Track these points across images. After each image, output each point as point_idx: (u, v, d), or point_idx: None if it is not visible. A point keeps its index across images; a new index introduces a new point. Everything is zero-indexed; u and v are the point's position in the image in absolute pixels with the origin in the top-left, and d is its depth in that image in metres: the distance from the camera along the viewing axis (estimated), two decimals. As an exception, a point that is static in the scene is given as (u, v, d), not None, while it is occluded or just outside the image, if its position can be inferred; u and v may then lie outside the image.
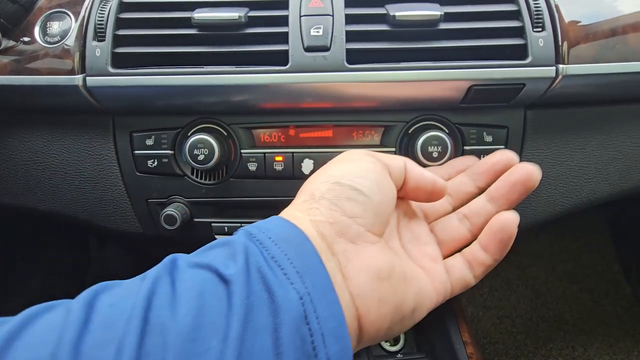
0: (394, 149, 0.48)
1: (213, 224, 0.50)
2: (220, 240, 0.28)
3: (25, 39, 0.46)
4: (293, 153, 0.48)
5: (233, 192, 0.49)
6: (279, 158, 0.48)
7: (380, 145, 0.48)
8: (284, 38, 0.43)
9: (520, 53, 0.42)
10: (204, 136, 0.46)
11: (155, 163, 0.48)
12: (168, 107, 0.47)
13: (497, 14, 0.43)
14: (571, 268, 1.18)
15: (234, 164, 0.49)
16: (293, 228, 0.28)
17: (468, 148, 0.48)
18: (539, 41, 0.42)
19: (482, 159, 0.40)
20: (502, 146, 0.48)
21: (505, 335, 1.07)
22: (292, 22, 0.43)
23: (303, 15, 0.43)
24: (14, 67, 0.45)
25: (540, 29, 0.42)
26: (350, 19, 0.43)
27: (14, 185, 0.51)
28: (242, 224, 0.50)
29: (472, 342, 0.62)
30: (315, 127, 0.48)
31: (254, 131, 0.49)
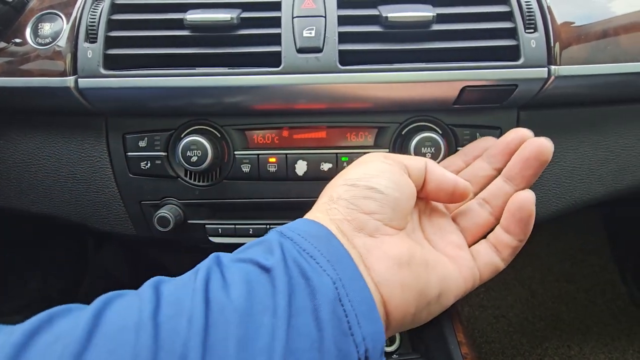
0: (387, 150, 0.48)
1: (207, 226, 0.50)
2: (255, 241, 0.31)
3: (17, 41, 0.45)
4: (287, 154, 0.48)
5: (227, 194, 0.49)
6: (273, 159, 0.48)
7: (374, 147, 0.48)
8: (276, 39, 0.43)
9: (513, 54, 0.42)
10: (197, 138, 0.46)
11: (149, 165, 0.48)
12: (161, 109, 0.46)
13: (490, 15, 0.43)
14: (567, 268, 1.18)
15: (228, 166, 0.48)
16: (318, 226, 0.31)
17: (461, 149, 0.48)
18: (531, 42, 0.42)
19: (497, 140, 0.39)
20: (496, 147, 0.48)
21: (502, 335, 1.07)
22: (285, 24, 0.43)
23: (295, 16, 0.43)
24: (6, 69, 0.45)
25: (532, 30, 0.42)
26: (342, 20, 0.43)
27: (6, 188, 0.51)
28: (236, 226, 0.50)
29: (467, 343, 0.62)
30: (308, 128, 0.48)
31: (247, 132, 0.48)
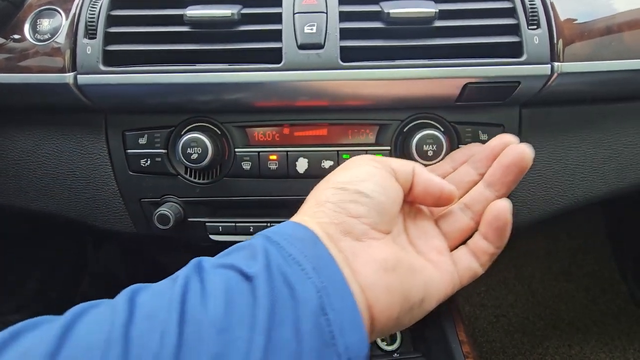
0: (389, 148, 0.48)
1: (207, 224, 0.50)
2: (240, 244, 0.30)
3: (15, 37, 0.45)
4: (287, 152, 0.48)
5: (227, 192, 0.49)
6: (274, 157, 0.48)
7: (375, 144, 0.48)
8: (277, 35, 0.42)
9: (516, 51, 0.42)
10: (198, 135, 0.45)
11: (148, 162, 0.48)
12: (161, 106, 0.46)
13: (492, 12, 0.43)
14: (567, 267, 1.18)
15: (228, 163, 0.48)
16: (305, 229, 0.30)
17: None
18: (534, 39, 0.42)
19: (483, 145, 0.39)
20: (498, 144, 0.48)
21: (502, 334, 1.07)
22: (286, 20, 0.42)
23: (297, 12, 0.43)
24: (4, 65, 0.44)
25: (535, 27, 0.42)
26: (344, 17, 0.43)
27: (5, 185, 0.51)
28: (237, 224, 0.50)
29: (468, 341, 0.62)
30: (309, 126, 0.48)
31: (248, 130, 0.48)
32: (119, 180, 0.49)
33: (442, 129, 0.47)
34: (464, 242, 0.37)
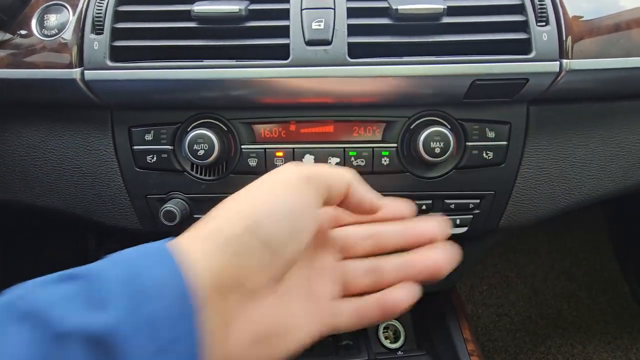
0: (395, 145, 0.48)
1: (213, 221, 0.50)
2: (74, 273, 0.24)
3: (22, 32, 0.45)
4: (294, 149, 0.47)
5: (233, 188, 0.48)
6: (280, 154, 0.48)
7: (382, 141, 0.48)
8: (285, 32, 0.42)
9: (524, 47, 0.42)
10: (204, 131, 0.45)
11: (155, 158, 0.48)
12: (167, 102, 0.46)
13: (501, 8, 0.43)
14: (569, 266, 1.18)
15: (234, 160, 0.48)
16: (176, 277, 0.24)
17: (470, 144, 0.47)
18: (543, 35, 0.42)
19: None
20: (505, 142, 0.47)
21: (504, 333, 1.07)
22: (293, 16, 0.42)
23: (304, 8, 0.42)
24: (11, 61, 0.44)
25: (544, 23, 0.42)
26: (352, 13, 0.42)
27: (11, 181, 0.51)
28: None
29: (473, 340, 0.62)
30: (316, 123, 0.48)
31: (254, 126, 0.48)
32: (125, 177, 0.49)
33: (449, 126, 0.47)
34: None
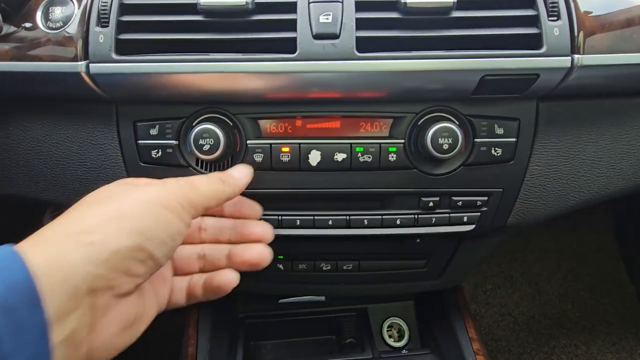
0: (402, 141, 0.47)
1: (217, 216, 0.50)
2: None
3: (27, 25, 0.45)
4: (300, 144, 0.47)
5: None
6: (286, 149, 0.47)
7: (389, 137, 0.47)
8: (292, 25, 0.42)
9: (535, 42, 0.41)
10: (210, 126, 0.45)
11: (160, 153, 0.47)
12: (173, 96, 0.46)
13: (511, 2, 0.42)
14: (574, 266, 1.17)
15: (240, 155, 0.48)
16: (27, 287, 0.25)
17: (479, 140, 0.47)
18: (554, 30, 0.41)
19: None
20: (514, 139, 0.47)
21: (508, 333, 1.06)
22: (301, 9, 0.42)
23: (312, 1, 0.42)
24: (15, 54, 0.44)
25: (555, 18, 0.41)
26: (360, 6, 0.42)
27: (15, 175, 0.50)
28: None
29: (478, 339, 0.61)
30: (322, 118, 0.47)
31: (260, 121, 0.48)
32: (129, 171, 0.49)
33: (458, 123, 0.46)
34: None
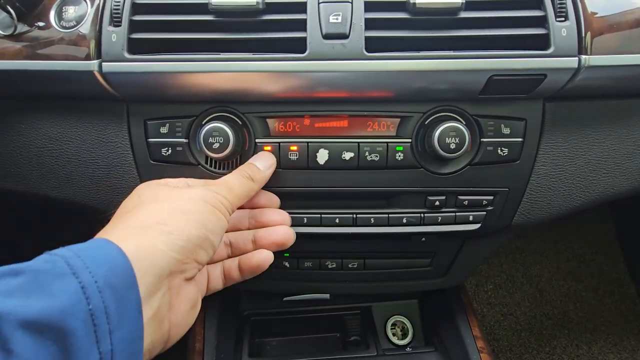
0: (409, 140, 0.48)
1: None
2: (30, 279, 0.26)
3: (40, 24, 0.45)
4: (308, 143, 0.47)
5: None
6: (294, 148, 0.48)
7: (396, 136, 0.48)
8: (302, 25, 0.42)
9: (542, 43, 0.42)
10: (219, 124, 0.45)
11: (170, 151, 0.48)
12: (183, 95, 0.46)
13: (519, 3, 0.42)
14: (576, 266, 1.17)
15: (248, 153, 0.48)
16: (126, 269, 0.29)
17: (485, 140, 0.47)
18: (562, 31, 0.41)
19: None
20: (520, 139, 0.47)
21: (509, 333, 1.07)
22: (311, 9, 0.42)
23: (322, 2, 0.42)
24: (29, 53, 0.44)
25: (563, 19, 0.42)
26: (369, 7, 0.42)
27: (27, 172, 0.51)
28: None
29: (483, 337, 0.62)
30: (330, 117, 0.48)
31: (269, 120, 0.48)
32: (140, 169, 0.49)
33: (465, 122, 0.47)
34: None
